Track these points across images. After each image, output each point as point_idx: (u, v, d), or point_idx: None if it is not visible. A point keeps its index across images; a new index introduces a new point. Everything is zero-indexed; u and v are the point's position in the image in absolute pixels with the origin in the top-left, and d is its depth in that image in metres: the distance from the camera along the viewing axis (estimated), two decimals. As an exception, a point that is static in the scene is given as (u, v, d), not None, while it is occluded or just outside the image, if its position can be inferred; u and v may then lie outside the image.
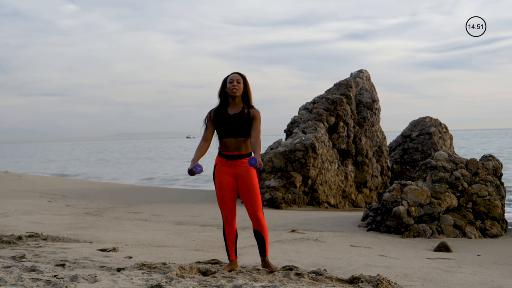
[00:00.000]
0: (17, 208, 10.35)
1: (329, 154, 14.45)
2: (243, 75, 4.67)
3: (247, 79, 4.69)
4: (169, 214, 10.26)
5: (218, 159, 4.64)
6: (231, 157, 4.56)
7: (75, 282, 3.73)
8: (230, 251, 4.68)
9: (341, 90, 15.95)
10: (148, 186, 21.77)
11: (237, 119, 4.56)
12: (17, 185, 16.58)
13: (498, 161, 9.48)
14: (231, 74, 4.68)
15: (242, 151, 4.56)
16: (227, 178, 4.58)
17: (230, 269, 4.62)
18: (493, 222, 8.73)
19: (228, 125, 4.56)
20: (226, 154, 4.58)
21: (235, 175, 4.58)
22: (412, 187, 8.64)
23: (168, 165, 41.82)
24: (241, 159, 4.55)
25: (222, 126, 4.58)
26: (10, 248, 5.49)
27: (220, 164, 4.61)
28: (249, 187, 4.53)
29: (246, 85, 4.66)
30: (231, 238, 4.66)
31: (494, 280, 4.97)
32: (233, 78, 4.62)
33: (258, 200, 4.56)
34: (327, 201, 13.78)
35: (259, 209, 4.56)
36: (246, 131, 4.56)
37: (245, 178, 4.54)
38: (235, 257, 4.68)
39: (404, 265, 5.59)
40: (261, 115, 4.66)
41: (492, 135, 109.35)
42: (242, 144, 4.56)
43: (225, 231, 4.66)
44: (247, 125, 4.56)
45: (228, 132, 4.56)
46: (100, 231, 7.46)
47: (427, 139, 19.67)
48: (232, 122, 4.55)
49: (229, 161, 4.57)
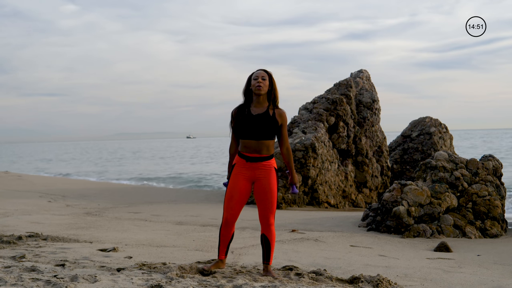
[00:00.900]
0: (17, 208, 10.34)
1: (329, 154, 14.45)
2: (269, 72, 4.44)
3: (273, 77, 4.45)
4: (169, 214, 10.26)
5: (237, 159, 4.44)
6: (251, 159, 4.36)
7: (75, 282, 3.73)
8: (221, 250, 4.54)
9: (341, 90, 15.95)
10: (148, 186, 21.77)
11: (260, 120, 4.34)
12: (17, 185, 16.59)
13: (498, 161, 9.48)
14: (256, 70, 4.45)
15: (263, 154, 4.36)
16: (242, 183, 4.40)
17: (216, 267, 4.51)
18: (493, 222, 8.73)
19: (250, 126, 4.33)
20: (246, 155, 4.38)
21: (252, 178, 4.40)
22: (412, 187, 8.63)
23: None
24: (261, 161, 4.36)
25: (243, 126, 4.36)
26: (10, 248, 5.49)
27: (239, 165, 4.42)
28: (268, 190, 4.35)
29: (272, 83, 4.42)
30: (226, 239, 4.51)
31: (494, 280, 4.97)
32: (258, 75, 4.38)
33: (274, 204, 4.39)
34: (327, 201, 13.78)
35: (272, 212, 4.39)
36: (269, 133, 4.35)
37: (264, 181, 4.36)
38: (224, 257, 4.56)
39: (404, 265, 5.59)
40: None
41: (491, 135, 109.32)
42: (263, 146, 4.35)
43: (222, 231, 4.50)
44: (271, 127, 4.35)
45: (250, 133, 4.34)
46: (100, 231, 7.46)
47: (427, 139, 19.66)
48: (254, 123, 4.33)
49: (249, 163, 4.37)
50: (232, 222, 4.47)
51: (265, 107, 4.40)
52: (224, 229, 4.50)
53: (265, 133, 4.34)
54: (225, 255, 4.58)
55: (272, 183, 4.36)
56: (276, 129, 4.40)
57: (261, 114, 4.36)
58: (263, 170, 4.37)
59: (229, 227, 4.49)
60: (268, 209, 4.38)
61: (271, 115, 4.37)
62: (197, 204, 12.56)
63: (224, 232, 4.50)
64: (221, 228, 4.53)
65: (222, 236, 4.52)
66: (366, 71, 17.79)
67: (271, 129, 4.36)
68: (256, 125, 4.33)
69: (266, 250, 4.47)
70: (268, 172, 4.37)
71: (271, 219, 4.40)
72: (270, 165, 4.40)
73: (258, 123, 4.33)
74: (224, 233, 4.51)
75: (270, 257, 4.48)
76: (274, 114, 4.39)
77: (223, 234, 4.51)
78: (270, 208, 4.38)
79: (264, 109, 4.39)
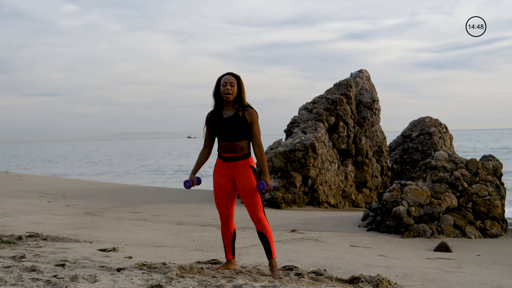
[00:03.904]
0: (17, 208, 10.34)
1: (329, 154, 14.46)
2: (237, 76, 4.49)
3: (241, 79, 4.51)
4: (169, 214, 10.26)
5: (217, 160, 4.60)
6: (227, 159, 4.49)
7: (75, 282, 3.73)
8: (227, 250, 4.66)
9: (341, 90, 15.95)
10: (148, 186, 21.77)
11: (231, 123, 4.43)
12: (17, 185, 16.58)
13: (498, 161, 9.48)
14: (224, 74, 4.50)
15: (238, 153, 4.47)
16: (223, 180, 4.52)
17: (225, 268, 4.59)
18: (493, 222, 8.73)
19: (222, 129, 4.45)
20: (222, 156, 4.52)
21: (232, 177, 4.51)
22: (412, 187, 8.63)
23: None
24: (236, 160, 4.47)
25: (216, 130, 4.49)
26: (10, 248, 5.49)
27: (218, 165, 4.57)
28: (248, 189, 4.44)
29: (241, 87, 4.49)
30: (227, 238, 4.62)
31: (494, 280, 4.97)
32: (226, 81, 4.44)
33: (257, 200, 4.46)
34: (327, 201, 13.78)
35: (259, 209, 4.46)
36: (241, 134, 4.45)
37: (243, 180, 4.45)
38: (231, 257, 4.65)
39: (404, 265, 5.59)
40: (258, 114, 4.51)
41: (491, 135, 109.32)
42: (237, 147, 4.46)
43: (222, 231, 4.64)
44: (241, 128, 4.44)
45: (223, 135, 4.47)
46: (100, 231, 7.46)
47: (427, 139, 19.67)
48: (226, 125, 4.45)
49: (225, 163, 4.50)
50: (227, 220, 4.57)
51: (235, 109, 4.50)
52: (223, 227, 4.62)
53: (236, 134, 4.45)
54: (232, 255, 4.65)
55: (251, 181, 4.45)
56: (247, 129, 4.48)
57: (231, 116, 4.47)
58: (239, 169, 4.47)
59: (226, 226, 4.60)
60: (254, 205, 4.46)
61: (240, 116, 4.46)
62: (197, 204, 12.56)
63: (224, 230, 4.62)
64: (221, 229, 4.66)
65: (224, 235, 4.64)
66: (366, 71, 17.79)
67: (242, 130, 4.45)
68: (227, 127, 4.45)
69: (266, 245, 4.52)
70: (245, 171, 4.47)
71: (260, 214, 4.47)
72: (246, 164, 4.49)
73: (228, 125, 4.45)
74: (224, 232, 4.62)
75: (272, 251, 4.51)
76: (244, 115, 4.47)
77: (223, 233, 4.64)
78: (256, 205, 4.46)
79: (234, 111, 4.49)
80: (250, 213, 4.50)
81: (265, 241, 4.50)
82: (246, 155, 4.50)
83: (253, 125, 4.49)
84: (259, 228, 4.50)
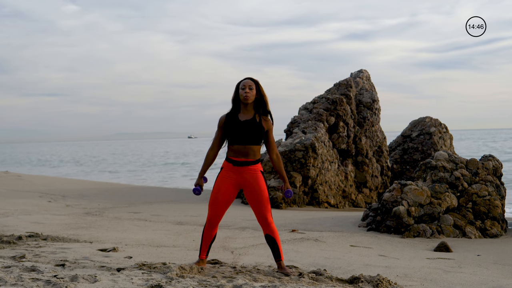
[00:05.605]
0: (17, 208, 10.35)
1: (329, 154, 14.46)
2: (255, 80, 4.57)
3: (260, 84, 4.60)
4: (169, 214, 10.26)
5: (224, 164, 4.60)
6: (238, 163, 4.52)
7: (75, 282, 3.73)
8: (203, 250, 4.67)
9: (341, 90, 15.95)
10: (148, 186, 21.78)
11: (248, 126, 4.50)
12: (17, 185, 16.58)
13: (498, 161, 9.48)
14: (243, 79, 4.58)
15: (250, 158, 4.52)
16: (225, 185, 4.54)
17: (198, 266, 4.60)
18: (493, 222, 8.73)
19: (238, 131, 4.50)
20: (233, 160, 4.53)
21: (239, 183, 4.54)
22: (412, 187, 8.64)
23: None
24: (248, 165, 4.52)
25: (232, 132, 4.52)
26: (10, 248, 5.49)
27: (226, 169, 4.57)
28: (259, 193, 4.50)
29: (260, 91, 4.58)
30: (208, 239, 4.65)
31: (494, 280, 4.97)
32: (245, 84, 4.53)
33: (267, 203, 4.55)
34: (327, 201, 13.78)
35: (268, 211, 4.55)
36: (256, 139, 4.52)
37: (254, 185, 4.51)
38: (204, 257, 4.68)
39: (404, 265, 5.59)
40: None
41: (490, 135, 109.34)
42: (250, 151, 4.51)
43: (205, 231, 4.63)
44: (257, 133, 4.51)
45: (238, 138, 4.50)
46: (100, 231, 7.46)
47: (427, 139, 19.66)
48: (242, 128, 4.50)
49: (236, 167, 4.52)
50: (215, 223, 4.60)
51: (252, 114, 4.58)
52: (208, 229, 4.63)
53: (252, 138, 4.51)
54: (206, 255, 4.70)
55: (261, 185, 4.53)
56: (262, 135, 4.57)
57: (249, 120, 4.54)
58: (250, 174, 4.53)
59: (212, 228, 4.62)
60: (264, 208, 4.53)
61: (257, 121, 4.55)
62: (197, 204, 12.56)
63: (208, 232, 4.64)
64: (204, 228, 4.66)
65: (205, 235, 4.65)
66: (366, 71, 17.79)
67: (258, 134, 4.53)
68: (244, 130, 4.51)
69: (274, 248, 4.60)
70: (255, 176, 4.54)
71: (269, 217, 4.55)
72: (256, 169, 4.56)
73: (245, 128, 4.51)
74: (207, 233, 4.64)
75: (280, 253, 4.61)
76: (261, 120, 4.57)
77: (206, 233, 4.65)
78: (266, 207, 4.54)
79: (251, 116, 4.57)
80: (259, 217, 4.55)
81: (274, 244, 4.58)
82: (258, 160, 4.58)
83: (270, 133, 4.61)
84: (267, 231, 4.57)
